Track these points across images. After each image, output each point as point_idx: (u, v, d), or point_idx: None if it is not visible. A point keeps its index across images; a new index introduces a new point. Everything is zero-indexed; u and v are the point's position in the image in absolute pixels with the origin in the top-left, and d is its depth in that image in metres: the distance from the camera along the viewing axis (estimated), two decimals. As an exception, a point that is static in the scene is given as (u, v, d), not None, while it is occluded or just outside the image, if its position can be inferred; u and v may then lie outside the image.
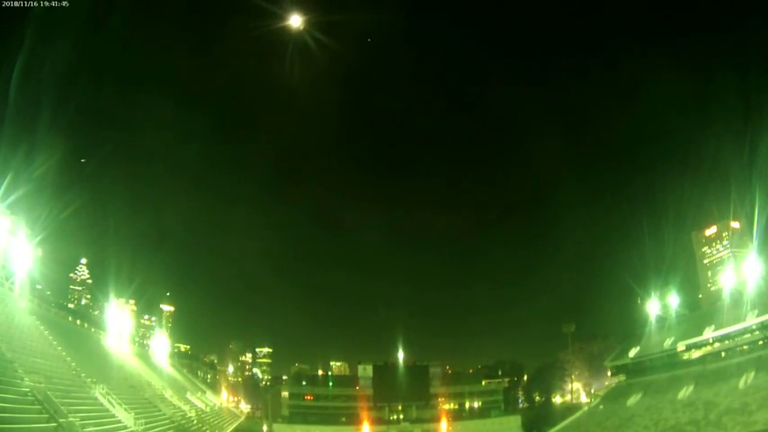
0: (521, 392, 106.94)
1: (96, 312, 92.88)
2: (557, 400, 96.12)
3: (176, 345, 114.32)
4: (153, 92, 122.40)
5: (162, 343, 70.81)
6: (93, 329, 49.92)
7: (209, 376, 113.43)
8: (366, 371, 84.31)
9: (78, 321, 49.37)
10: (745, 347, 39.21)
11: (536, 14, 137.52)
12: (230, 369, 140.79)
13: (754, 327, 38.43)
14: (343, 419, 79.25)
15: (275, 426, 77.62)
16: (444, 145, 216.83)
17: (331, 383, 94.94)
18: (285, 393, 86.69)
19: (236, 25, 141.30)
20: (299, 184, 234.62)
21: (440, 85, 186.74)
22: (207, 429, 44.37)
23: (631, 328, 62.92)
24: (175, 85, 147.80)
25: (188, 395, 54.02)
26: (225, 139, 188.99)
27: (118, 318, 52.50)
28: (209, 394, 70.91)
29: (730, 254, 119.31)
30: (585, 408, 58.49)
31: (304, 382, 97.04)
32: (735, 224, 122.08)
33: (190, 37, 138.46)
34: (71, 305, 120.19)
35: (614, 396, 52.13)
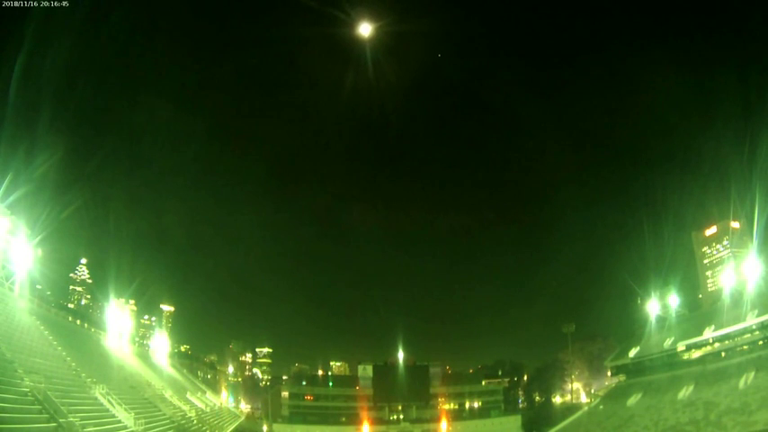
0: (521, 392, 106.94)
1: (96, 312, 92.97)
2: (557, 400, 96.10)
3: (176, 345, 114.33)
4: (153, 92, 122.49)
5: (162, 343, 70.78)
6: (93, 329, 49.91)
7: (209, 376, 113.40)
8: (366, 371, 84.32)
9: (78, 321, 49.35)
10: (745, 347, 39.22)
11: (537, 15, 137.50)
12: (230, 369, 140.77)
13: (754, 327, 38.44)
14: (343, 419, 79.26)
15: (275, 426, 77.62)
16: (444, 147, 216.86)
17: (331, 383, 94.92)
18: (285, 393, 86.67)
19: (242, 27, 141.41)
20: (299, 186, 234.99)
21: (438, 86, 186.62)
22: (207, 429, 44.35)
23: (631, 328, 62.96)
24: (176, 86, 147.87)
25: (188, 395, 54.03)
26: (227, 141, 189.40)
27: (118, 318, 52.48)
28: (209, 394, 70.91)
29: (730, 254, 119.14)
30: (585, 408, 58.46)
31: (304, 382, 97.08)
32: (735, 224, 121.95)
33: (189, 37, 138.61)
34: (71, 305, 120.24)
35: (614, 396, 52.13)
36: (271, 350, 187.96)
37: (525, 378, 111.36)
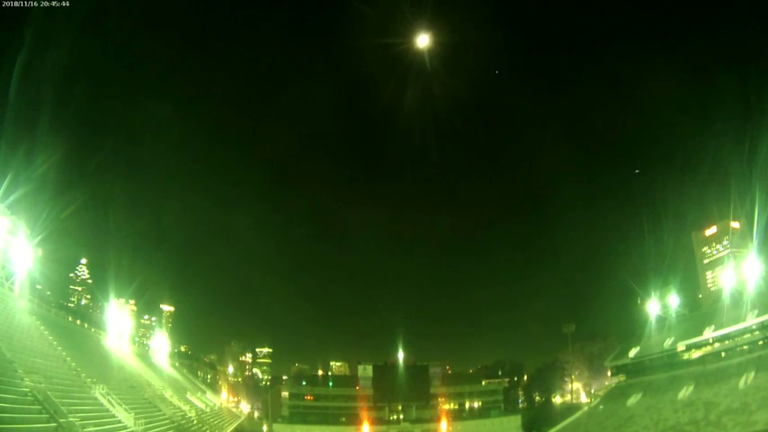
0: (521, 392, 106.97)
1: (96, 312, 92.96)
2: (557, 400, 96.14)
3: (176, 345, 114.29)
4: (153, 92, 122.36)
5: (162, 343, 70.81)
6: (93, 329, 49.93)
7: (209, 376, 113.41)
8: (366, 371, 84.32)
9: (78, 321, 49.38)
10: (745, 347, 39.23)
11: (535, 13, 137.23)
12: (230, 369, 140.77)
13: (754, 327, 38.45)
14: (343, 419, 79.28)
15: (275, 426, 77.65)
16: (442, 146, 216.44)
17: (331, 383, 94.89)
18: (285, 393, 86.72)
19: (243, 26, 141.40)
20: (299, 186, 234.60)
21: (437, 86, 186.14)
22: (207, 429, 44.37)
23: (631, 328, 62.95)
24: (176, 86, 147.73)
25: (188, 395, 54.04)
26: (226, 141, 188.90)
27: (118, 318, 52.50)
28: (209, 394, 70.93)
29: (730, 254, 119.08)
30: (585, 408, 58.50)
31: (304, 382, 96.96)
32: (735, 224, 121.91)
33: (190, 38, 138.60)
34: (71, 305, 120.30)
35: (614, 396, 52.14)
36: (271, 350, 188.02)
37: (525, 378, 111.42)
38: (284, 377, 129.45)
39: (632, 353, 53.86)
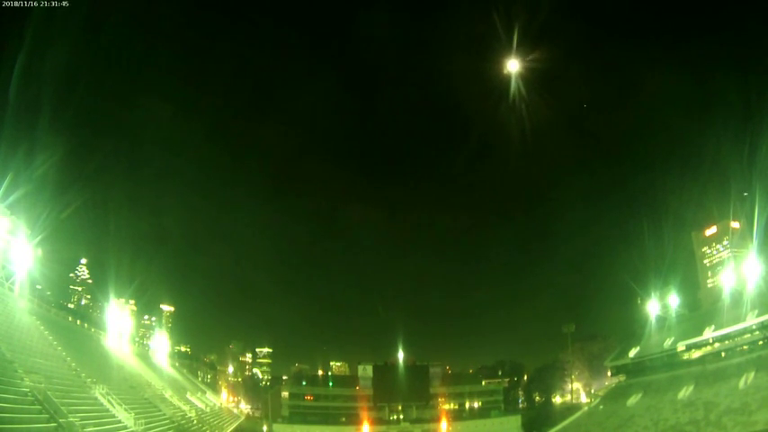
0: (521, 392, 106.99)
1: (96, 312, 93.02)
2: (557, 400, 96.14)
3: (176, 345, 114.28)
4: (153, 93, 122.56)
5: (162, 343, 70.84)
6: (93, 329, 49.95)
7: (209, 376, 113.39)
8: (366, 371, 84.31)
9: (78, 321, 49.40)
10: (745, 347, 39.21)
11: (535, 11, 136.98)
12: (230, 369, 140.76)
13: (754, 327, 38.44)
14: (343, 419, 79.25)
15: (275, 426, 77.62)
16: (441, 145, 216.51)
17: (331, 383, 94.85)
18: (285, 393, 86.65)
19: (236, 32, 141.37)
20: (299, 186, 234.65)
21: (435, 87, 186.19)
22: (207, 429, 44.37)
23: (631, 328, 63.02)
24: (175, 86, 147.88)
25: (188, 395, 54.05)
26: (225, 142, 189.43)
27: (118, 318, 52.53)
28: (209, 394, 70.93)
29: (730, 254, 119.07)
30: (585, 408, 58.48)
31: (304, 382, 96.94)
32: (735, 224, 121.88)
33: (189, 38, 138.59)
34: (71, 305, 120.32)
35: (614, 396, 52.13)
36: (271, 350, 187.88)
37: (525, 378, 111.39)
38: (284, 377, 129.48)
39: (632, 353, 53.86)
